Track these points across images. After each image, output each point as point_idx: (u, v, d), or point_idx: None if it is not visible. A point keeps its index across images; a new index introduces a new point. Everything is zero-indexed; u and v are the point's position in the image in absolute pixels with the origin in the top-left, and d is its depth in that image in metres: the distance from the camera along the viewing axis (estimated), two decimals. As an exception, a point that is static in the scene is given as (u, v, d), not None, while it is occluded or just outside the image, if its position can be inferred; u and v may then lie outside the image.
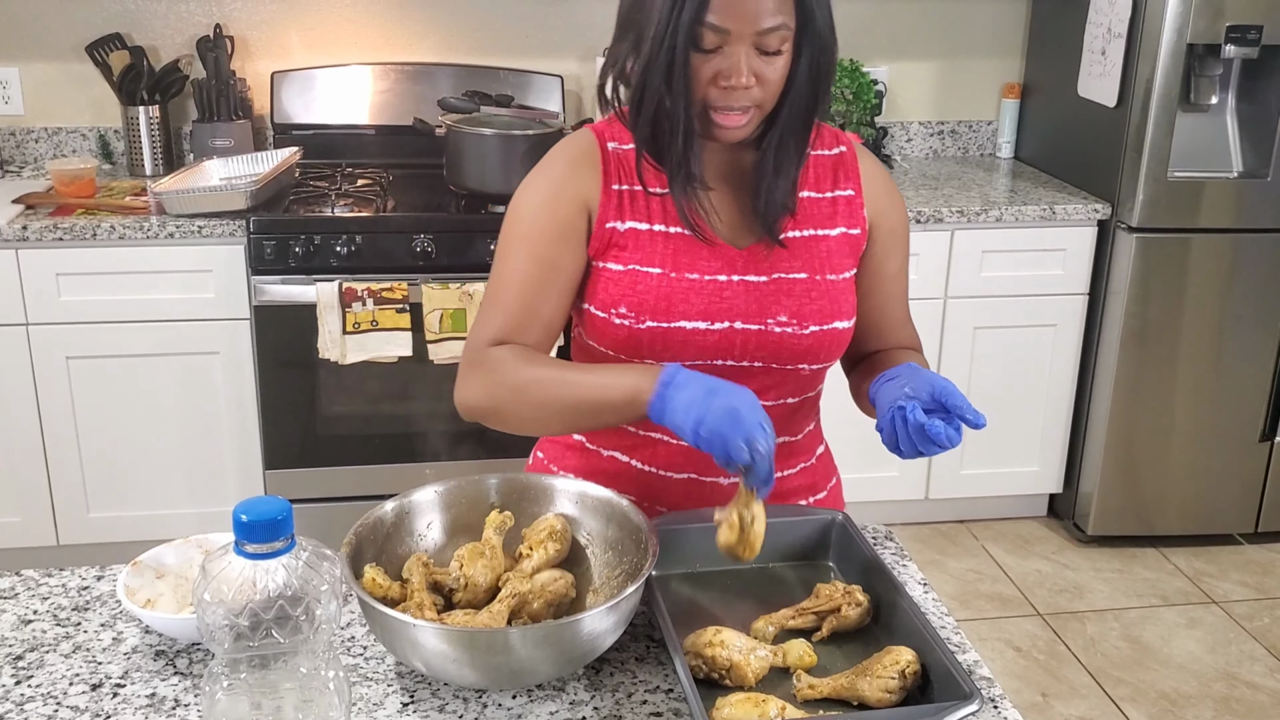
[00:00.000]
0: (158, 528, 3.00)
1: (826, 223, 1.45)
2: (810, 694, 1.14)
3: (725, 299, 1.40)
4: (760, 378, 1.43)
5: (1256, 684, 2.86)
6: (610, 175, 1.42)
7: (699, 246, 1.40)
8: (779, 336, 1.41)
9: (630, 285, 1.39)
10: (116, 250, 2.88)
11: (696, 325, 1.39)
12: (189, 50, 3.37)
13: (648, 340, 1.39)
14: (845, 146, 1.49)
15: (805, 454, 1.55)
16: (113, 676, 1.19)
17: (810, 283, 1.42)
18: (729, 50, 1.29)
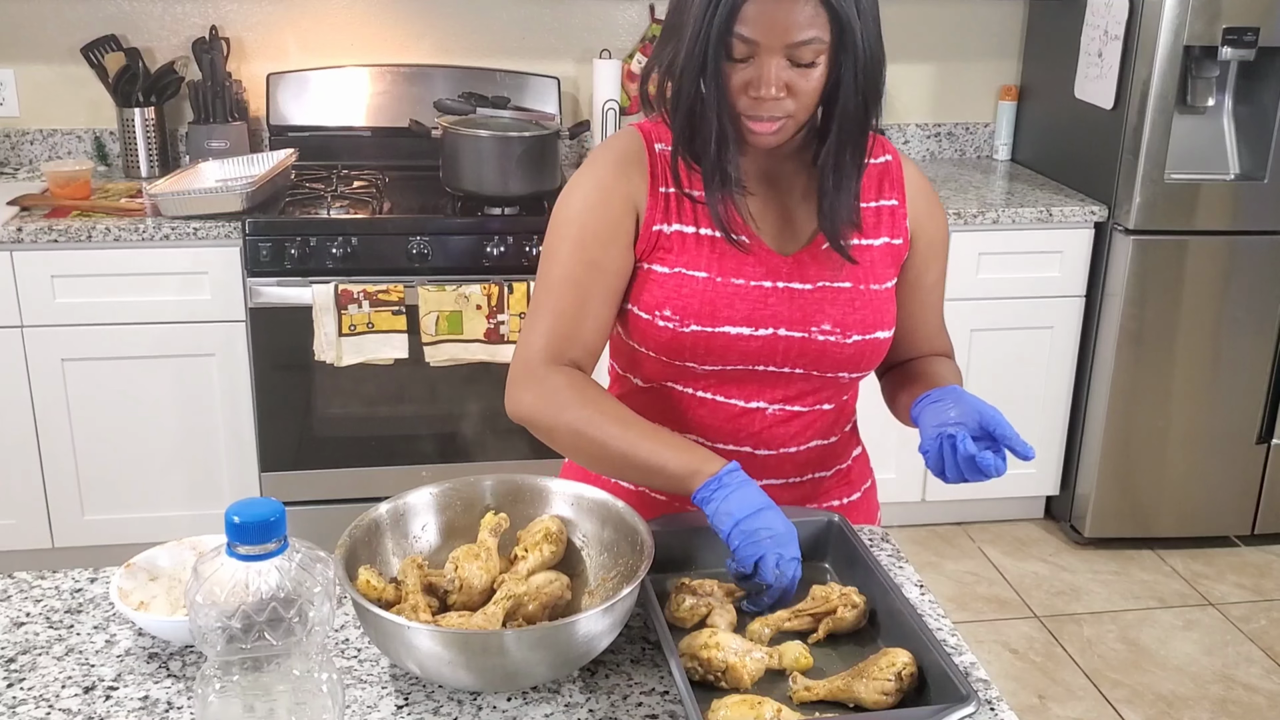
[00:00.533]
0: (153, 530, 2.99)
1: (871, 232, 1.45)
2: (806, 696, 1.14)
3: (770, 305, 1.40)
4: (800, 383, 1.44)
5: (1253, 686, 2.86)
6: (657, 177, 1.42)
7: (744, 252, 1.40)
8: (822, 345, 1.41)
9: (675, 288, 1.39)
10: (112, 252, 2.87)
11: (741, 331, 1.39)
12: (185, 52, 3.37)
13: (690, 344, 1.39)
14: (891, 155, 1.50)
15: (840, 458, 1.57)
16: (105, 679, 1.18)
17: (855, 292, 1.42)
18: (759, 61, 1.29)
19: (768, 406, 1.45)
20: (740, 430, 1.46)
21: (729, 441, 1.47)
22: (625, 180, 1.42)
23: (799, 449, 1.50)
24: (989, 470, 1.27)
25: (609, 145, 1.46)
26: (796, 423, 1.47)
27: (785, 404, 1.45)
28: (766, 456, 1.48)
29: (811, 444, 1.50)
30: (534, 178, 3.01)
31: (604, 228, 1.40)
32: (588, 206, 1.41)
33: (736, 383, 1.44)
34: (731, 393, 1.44)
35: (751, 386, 1.44)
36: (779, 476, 1.50)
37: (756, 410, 1.45)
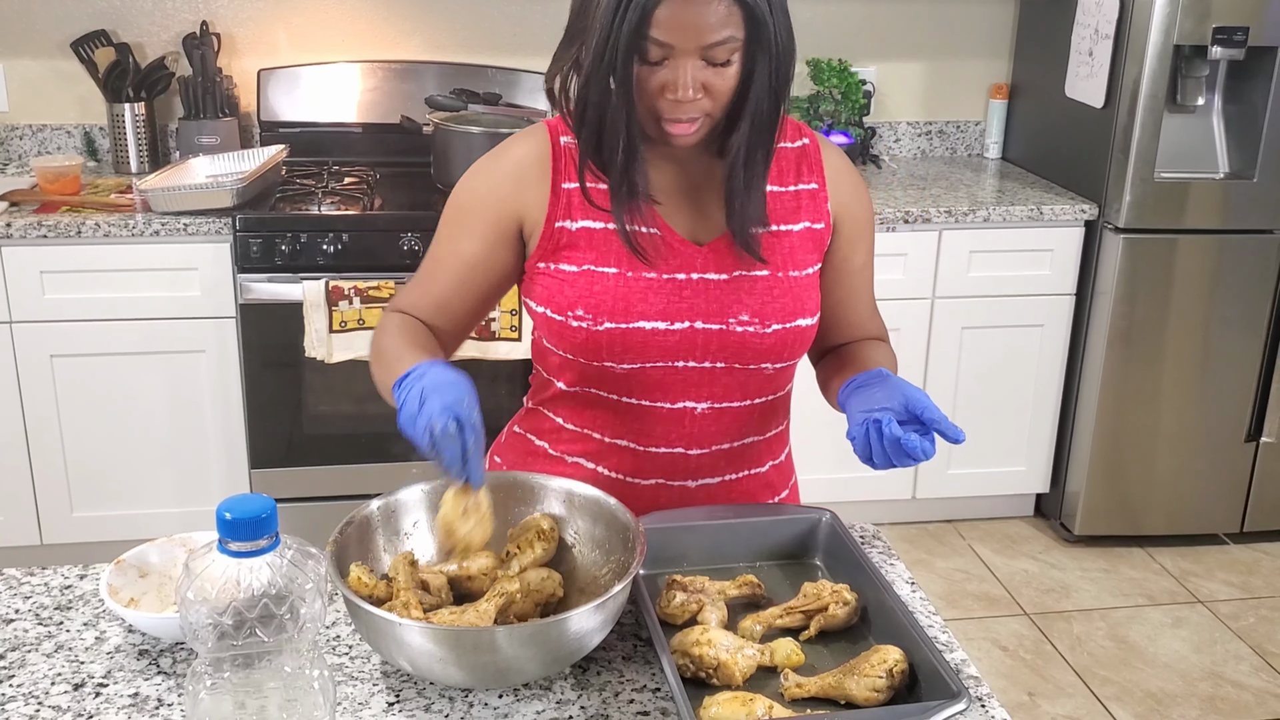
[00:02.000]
0: (142, 527, 2.98)
1: (789, 218, 1.43)
2: (798, 693, 1.14)
3: (685, 298, 1.38)
4: (724, 379, 1.41)
5: (1242, 683, 2.87)
6: (560, 173, 1.40)
7: (657, 244, 1.38)
8: (741, 336, 1.39)
9: (586, 286, 1.37)
10: (101, 248, 2.86)
11: (656, 325, 1.37)
12: (175, 47, 3.35)
13: (607, 342, 1.37)
14: (808, 139, 1.47)
15: (773, 453, 1.54)
16: (95, 676, 1.18)
17: (772, 280, 1.40)
18: (674, 63, 1.27)
19: (696, 405, 1.42)
20: (671, 432, 1.43)
21: (661, 444, 1.44)
22: (517, 187, 1.40)
23: (733, 445, 1.47)
24: (915, 453, 1.24)
25: (513, 142, 1.44)
26: (728, 419, 1.45)
27: (713, 401, 1.43)
28: (701, 455, 1.46)
29: (747, 439, 1.48)
30: (525, 174, 3.00)
31: (484, 228, 1.41)
32: (474, 205, 1.42)
33: (660, 385, 1.41)
34: (656, 396, 1.42)
35: (676, 387, 1.41)
36: (715, 475, 1.48)
37: (685, 410, 1.42)
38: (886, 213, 3.14)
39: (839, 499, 1.49)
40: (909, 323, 3.26)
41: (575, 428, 1.47)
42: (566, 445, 1.48)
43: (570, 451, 1.48)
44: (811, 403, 1.63)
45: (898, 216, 3.15)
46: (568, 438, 1.48)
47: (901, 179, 3.52)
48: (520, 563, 1.27)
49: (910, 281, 3.24)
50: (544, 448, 1.51)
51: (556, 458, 1.50)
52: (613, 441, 1.45)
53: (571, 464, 1.48)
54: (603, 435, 1.46)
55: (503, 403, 3.09)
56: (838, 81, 3.56)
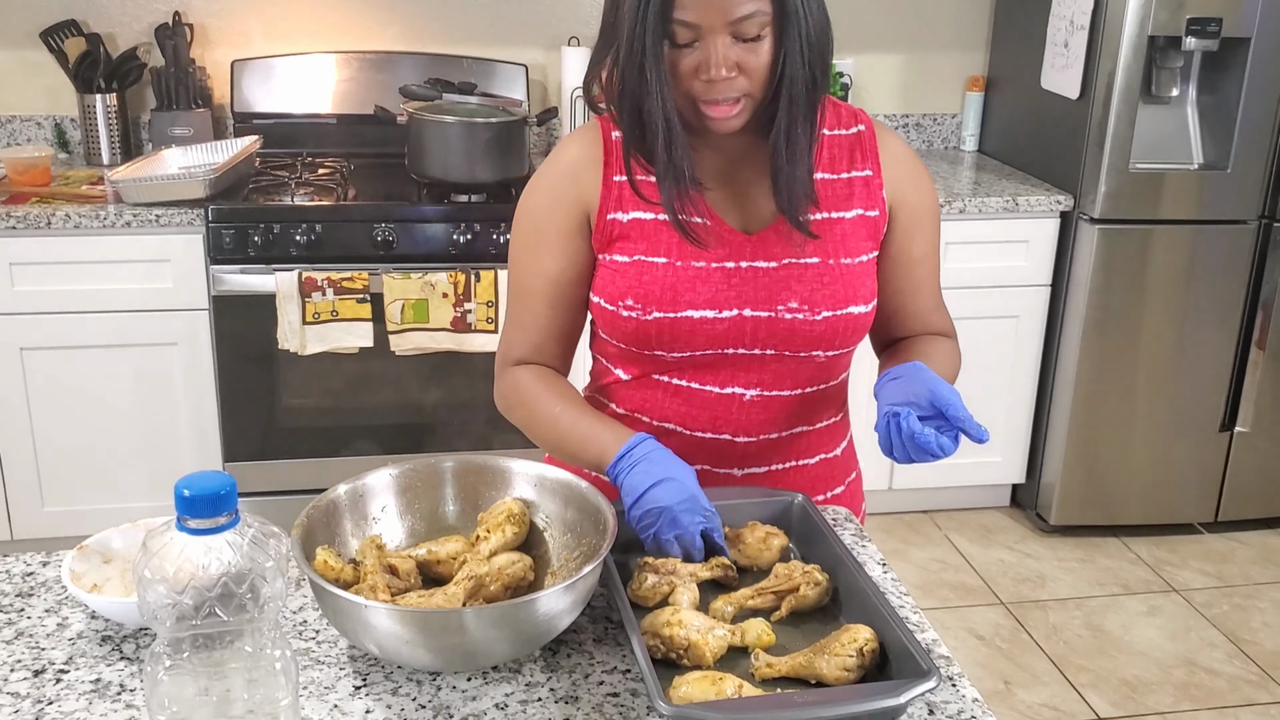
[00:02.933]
0: (114, 521, 2.91)
1: (842, 205, 1.42)
2: (768, 673, 1.13)
3: (733, 286, 1.38)
4: (773, 365, 1.42)
5: (1215, 670, 2.88)
6: (612, 166, 1.41)
7: (706, 233, 1.38)
8: (790, 323, 1.38)
9: (636, 277, 1.38)
10: (72, 239, 2.83)
11: (704, 314, 1.37)
12: (147, 38, 3.33)
13: (655, 332, 1.38)
14: (864, 125, 1.46)
15: (826, 445, 1.53)
16: (56, 662, 1.16)
17: (823, 267, 1.39)
18: (704, 43, 1.27)
19: (745, 392, 1.43)
20: (718, 418, 1.44)
21: (708, 430, 1.45)
22: (575, 183, 1.41)
23: (781, 435, 1.47)
24: (930, 448, 1.24)
25: (565, 145, 1.46)
26: (776, 406, 1.45)
27: (762, 389, 1.43)
28: (747, 444, 1.46)
29: (795, 430, 1.48)
30: (501, 164, 3.00)
31: (557, 236, 1.42)
32: (541, 215, 1.43)
33: (710, 369, 1.42)
34: (706, 379, 1.43)
35: (725, 372, 1.42)
36: (761, 464, 1.48)
37: (733, 396, 1.43)
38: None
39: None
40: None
41: (626, 412, 1.48)
42: None
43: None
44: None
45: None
46: (619, 419, 1.48)
47: (878, 170, 3.52)
48: (490, 546, 1.26)
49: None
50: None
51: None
52: (660, 424, 1.46)
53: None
54: (651, 419, 1.46)
55: (478, 396, 3.08)
56: (814, 73, 3.56)
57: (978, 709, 1.12)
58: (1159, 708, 2.74)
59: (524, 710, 1.11)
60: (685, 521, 1.25)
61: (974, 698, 1.14)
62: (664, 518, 1.25)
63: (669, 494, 1.26)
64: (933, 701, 1.13)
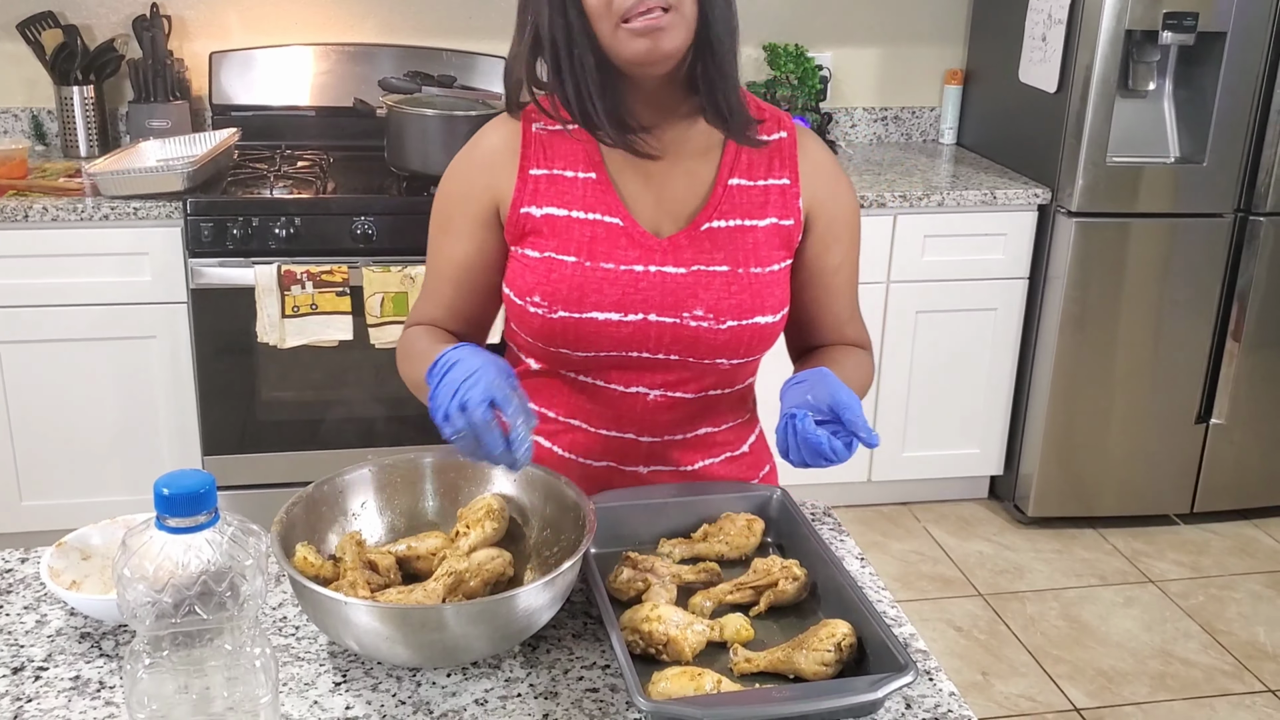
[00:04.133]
0: (93, 516, 2.90)
1: (756, 213, 1.40)
2: (747, 667, 1.14)
3: (640, 290, 1.36)
4: (677, 370, 1.41)
5: (1191, 660, 2.91)
6: (529, 159, 1.39)
7: (617, 235, 1.37)
8: (694, 331, 1.37)
9: (545, 274, 1.37)
10: (49, 232, 2.82)
11: (609, 316, 1.36)
12: (125, 30, 3.30)
13: (560, 330, 1.37)
14: (786, 133, 1.44)
15: (733, 444, 1.52)
16: (35, 659, 1.16)
17: (731, 275, 1.38)
18: None
19: (649, 391, 1.42)
20: (622, 416, 1.43)
21: (613, 428, 1.44)
22: (488, 172, 1.41)
23: (686, 436, 1.47)
24: (823, 450, 1.21)
25: (484, 133, 1.44)
26: (681, 409, 1.44)
27: (666, 389, 1.42)
28: (652, 443, 1.45)
29: (700, 431, 1.47)
30: (480, 158, 2.99)
31: (468, 223, 1.42)
32: (455, 199, 1.44)
33: (615, 368, 1.41)
34: (611, 378, 1.41)
35: (630, 372, 1.41)
36: (666, 464, 1.47)
37: (637, 395, 1.42)
38: (842, 197, 3.15)
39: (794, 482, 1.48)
40: (864, 307, 3.24)
41: (534, 406, 1.47)
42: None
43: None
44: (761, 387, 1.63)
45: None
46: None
47: (857, 164, 3.53)
48: (469, 542, 1.27)
49: (865, 266, 3.18)
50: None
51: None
52: (567, 421, 1.46)
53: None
54: (558, 414, 1.46)
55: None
56: (794, 67, 3.57)
57: (954, 703, 1.14)
58: (1135, 698, 2.76)
59: (504, 706, 1.11)
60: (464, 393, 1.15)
61: (950, 691, 1.15)
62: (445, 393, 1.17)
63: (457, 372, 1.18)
64: (910, 695, 1.14)
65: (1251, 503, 3.57)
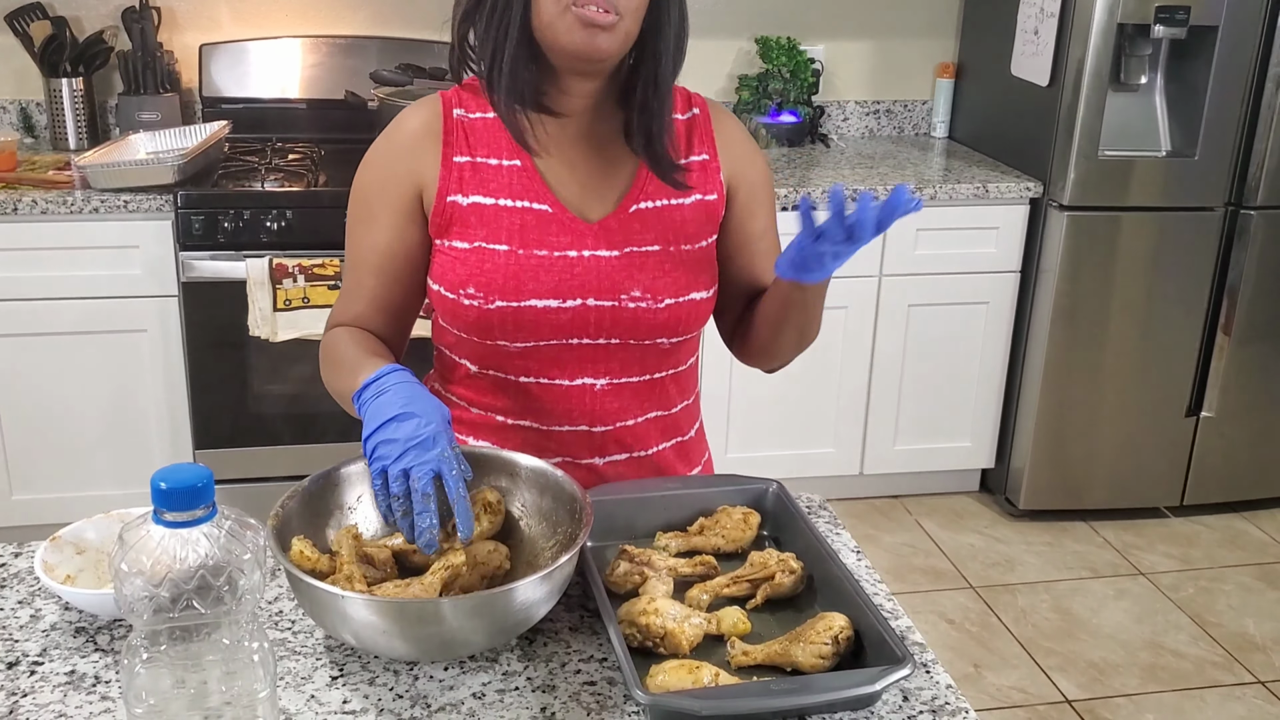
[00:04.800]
0: (84, 510, 2.88)
1: (680, 191, 1.41)
2: (744, 660, 1.14)
3: (576, 275, 1.36)
4: (619, 354, 1.41)
5: (1181, 652, 2.92)
6: (452, 146, 1.37)
7: (547, 221, 1.36)
8: (634, 312, 1.37)
9: (477, 264, 1.35)
10: (39, 225, 2.80)
11: (548, 304, 1.35)
12: (114, 21, 3.29)
13: (499, 321, 1.35)
14: (699, 109, 1.45)
15: (682, 429, 1.53)
16: (30, 654, 1.16)
17: (664, 254, 1.38)
18: None
19: (595, 382, 1.41)
20: (573, 409, 1.42)
21: (564, 423, 1.43)
22: (411, 156, 1.38)
23: (637, 421, 1.46)
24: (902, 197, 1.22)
25: (404, 119, 1.41)
26: (629, 394, 1.44)
27: (612, 377, 1.42)
28: (605, 432, 1.44)
29: (650, 415, 1.47)
30: (473, 151, 2.98)
31: (389, 212, 1.38)
32: (375, 187, 1.40)
33: (556, 362, 1.40)
34: (554, 373, 1.40)
35: (572, 365, 1.40)
36: (622, 451, 1.47)
37: (584, 387, 1.41)
38: (834, 190, 3.15)
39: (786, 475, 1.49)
40: (856, 300, 3.28)
41: (479, 411, 1.46)
42: (470, 429, 1.47)
43: (475, 435, 1.46)
44: (755, 379, 1.63)
45: (846, 195, 3.15)
46: (470, 420, 1.46)
47: (849, 158, 3.53)
48: (466, 536, 1.26)
49: (857, 259, 3.18)
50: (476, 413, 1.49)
51: (461, 441, 1.46)
52: (515, 423, 1.44)
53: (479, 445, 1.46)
54: (505, 417, 1.44)
55: (451, 381, 3.08)
56: (786, 60, 3.57)
57: (951, 695, 1.14)
58: (1125, 689, 2.78)
59: (501, 699, 1.11)
60: (413, 459, 1.17)
61: (947, 684, 1.15)
62: (395, 452, 1.18)
63: (406, 429, 1.18)
64: (907, 688, 1.14)
65: (1241, 495, 3.58)
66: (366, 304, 1.42)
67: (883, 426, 3.43)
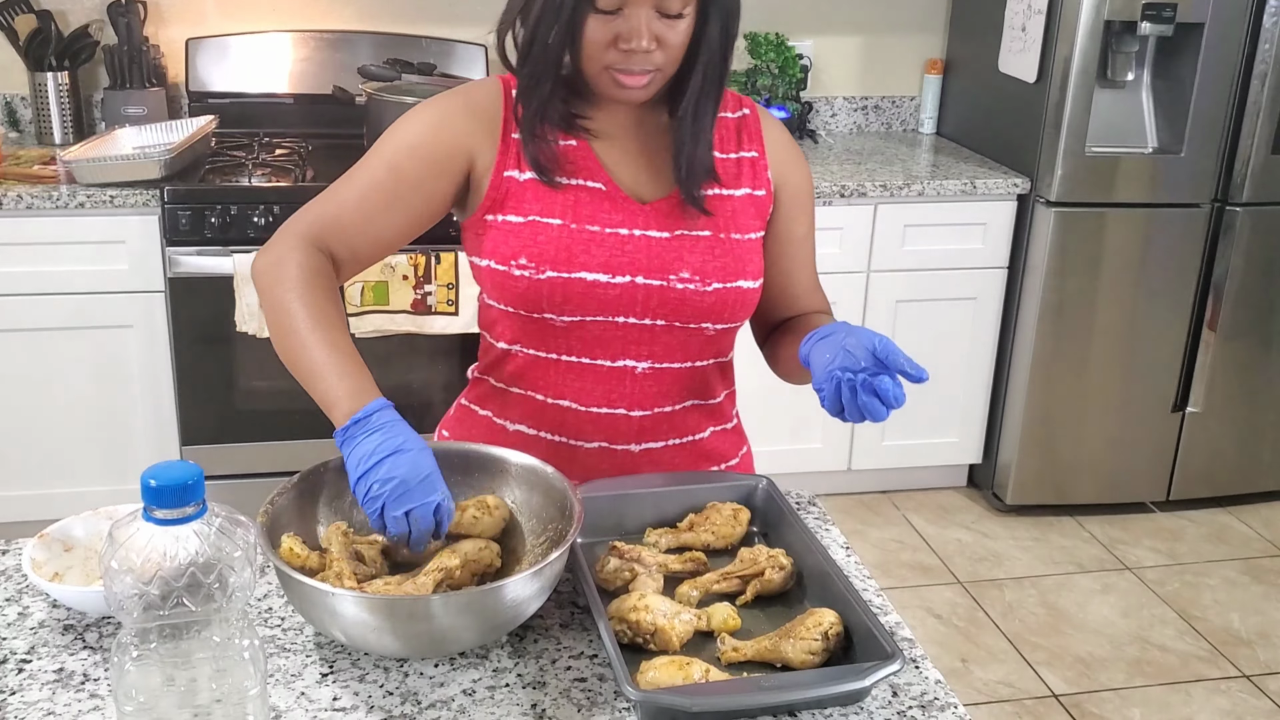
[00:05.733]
0: (70, 506, 2.87)
1: (731, 183, 1.44)
2: (734, 656, 1.15)
3: (626, 252, 1.38)
4: (664, 337, 1.42)
5: (1167, 646, 2.94)
6: (510, 124, 1.40)
7: (601, 199, 1.39)
8: (681, 293, 1.39)
9: (530, 236, 1.37)
10: (24, 220, 2.79)
11: (598, 277, 1.37)
12: (99, 15, 3.27)
13: (548, 292, 1.37)
14: (748, 110, 1.49)
15: (720, 419, 1.54)
16: (18, 652, 1.15)
17: (714, 240, 1.41)
18: (628, 13, 1.27)
19: (636, 364, 1.42)
20: (612, 391, 1.43)
21: (602, 404, 1.44)
22: (467, 121, 1.39)
23: (674, 408, 1.47)
24: (888, 397, 1.21)
25: (465, 87, 1.44)
26: (668, 379, 1.45)
27: (654, 361, 1.43)
28: (642, 418, 1.45)
29: (688, 403, 1.48)
30: (461, 146, 2.97)
31: (428, 150, 1.38)
32: (421, 127, 1.39)
33: (600, 342, 1.41)
34: (597, 353, 1.42)
35: (616, 344, 1.41)
36: (657, 439, 1.47)
37: (625, 369, 1.42)
38: (823, 187, 3.15)
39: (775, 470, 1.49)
40: (844, 296, 3.28)
41: (519, 390, 1.47)
42: (510, 410, 1.48)
43: (513, 418, 1.47)
44: (746, 372, 1.63)
45: (834, 191, 3.17)
46: (511, 401, 1.47)
47: (838, 153, 3.54)
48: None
49: (845, 255, 3.25)
50: (488, 416, 1.50)
51: (499, 426, 1.49)
52: (554, 402, 1.45)
53: (514, 432, 1.47)
54: (545, 396, 1.45)
55: (438, 379, 3.07)
56: (775, 55, 3.57)
57: (940, 690, 1.14)
58: (1112, 684, 2.79)
59: (491, 696, 1.11)
60: (416, 500, 1.16)
61: (936, 679, 1.16)
62: (394, 492, 1.16)
63: (402, 467, 1.17)
64: (896, 684, 1.14)
65: (1227, 490, 3.60)
66: (348, 219, 1.38)
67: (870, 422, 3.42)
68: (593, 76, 1.33)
